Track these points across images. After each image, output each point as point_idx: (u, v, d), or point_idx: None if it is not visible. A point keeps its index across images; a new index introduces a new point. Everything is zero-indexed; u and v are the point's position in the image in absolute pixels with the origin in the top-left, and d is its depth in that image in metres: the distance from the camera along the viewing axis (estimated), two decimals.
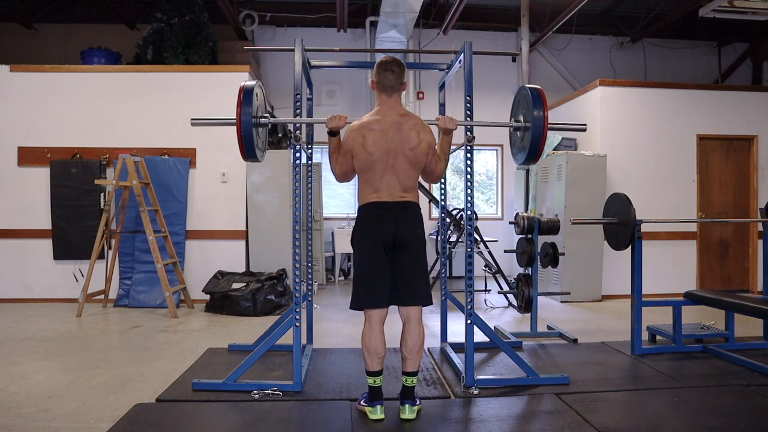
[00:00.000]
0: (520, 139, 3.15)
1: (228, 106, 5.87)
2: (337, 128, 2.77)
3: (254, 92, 2.87)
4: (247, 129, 2.83)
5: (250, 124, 2.83)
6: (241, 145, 2.87)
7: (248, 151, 2.90)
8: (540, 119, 2.90)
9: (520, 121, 3.10)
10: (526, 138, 3.01)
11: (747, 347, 3.92)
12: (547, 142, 7.20)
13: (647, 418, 2.69)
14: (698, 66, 8.54)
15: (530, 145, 2.96)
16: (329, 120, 2.77)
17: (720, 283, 6.58)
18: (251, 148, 2.89)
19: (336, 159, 2.76)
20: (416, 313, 2.71)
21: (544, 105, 2.92)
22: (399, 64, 2.74)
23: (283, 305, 5.35)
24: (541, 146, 2.97)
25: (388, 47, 7.02)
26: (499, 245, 6.89)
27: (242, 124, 2.81)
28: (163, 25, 6.89)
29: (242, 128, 2.81)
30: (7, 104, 5.84)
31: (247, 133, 2.83)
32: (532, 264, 4.41)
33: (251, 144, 2.87)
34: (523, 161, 3.13)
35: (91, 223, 5.69)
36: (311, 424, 2.64)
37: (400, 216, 2.66)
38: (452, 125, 2.82)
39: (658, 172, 6.40)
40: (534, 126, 2.91)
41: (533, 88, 2.98)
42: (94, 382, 3.22)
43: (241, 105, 2.81)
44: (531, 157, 3.04)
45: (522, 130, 3.10)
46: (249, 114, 2.81)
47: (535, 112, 2.90)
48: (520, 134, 3.15)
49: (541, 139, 2.92)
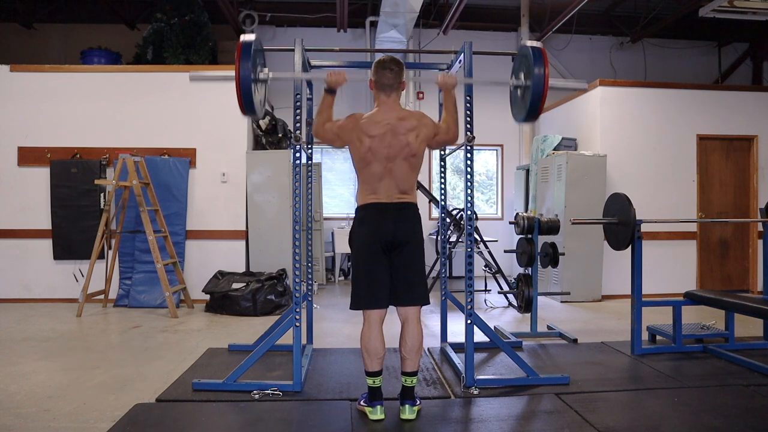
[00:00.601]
0: (521, 98, 3.15)
1: (228, 106, 5.94)
2: (336, 85, 2.74)
3: (253, 47, 2.83)
4: (246, 83, 2.80)
5: (249, 79, 2.80)
6: (240, 99, 2.84)
7: (247, 105, 2.87)
8: (540, 77, 2.88)
9: (521, 80, 3.10)
10: (527, 96, 3.00)
11: (747, 347, 3.92)
12: (547, 141, 7.22)
13: (647, 418, 2.69)
14: (698, 66, 8.54)
15: (530, 103, 2.95)
16: (329, 75, 2.74)
17: (720, 283, 6.57)
18: (250, 103, 2.86)
19: (323, 121, 2.72)
20: (415, 312, 2.71)
21: (545, 63, 2.90)
22: (397, 62, 2.72)
23: (283, 305, 5.35)
24: (541, 104, 2.95)
25: (388, 47, 7.02)
26: (499, 245, 6.89)
27: (241, 79, 2.79)
28: (163, 25, 6.89)
29: (241, 82, 2.79)
30: (7, 104, 5.85)
31: (246, 87, 2.81)
32: (532, 264, 4.41)
33: (250, 99, 2.84)
34: (524, 119, 3.12)
35: (91, 223, 5.69)
36: (311, 424, 2.64)
37: (398, 217, 2.66)
38: (452, 80, 2.81)
39: (658, 172, 6.40)
40: (534, 84, 2.90)
41: (534, 46, 2.95)
42: (94, 382, 3.22)
43: (240, 59, 2.78)
44: (531, 114, 3.02)
45: (522, 88, 3.09)
46: (248, 69, 2.79)
47: (536, 70, 2.89)
48: (520, 92, 3.14)
49: (541, 97, 2.90)
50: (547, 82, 2.88)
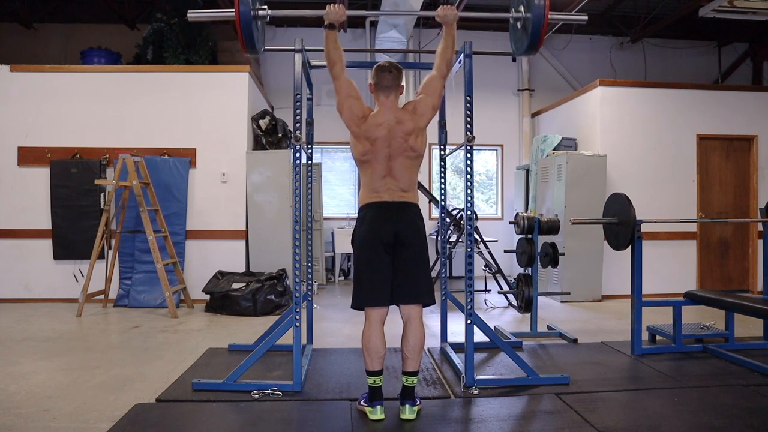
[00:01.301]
0: (521, 30, 3.13)
1: (228, 106, 5.94)
2: (336, 19, 2.77)
3: None
4: (246, 19, 2.80)
5: (249, 15, 2.81)
6: (240, 35, 2.84)
7: (247, 41, 2.88)
8: (540, 7, 2.87)
9: (521, 11, 3.08)
10: (528, 26, 2.98)
11: (747, 347, 3.92)
12: (547, 142, 7.21)
13: (647, 418, 2.69)
14: (698, 66, 8.54)
15: (531, 33, 2.93)
16: (328, 9, 2.76)
17: (720, 283, 6.57)
18: (251, 38, 2.87)
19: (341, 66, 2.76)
20: (417, 312, 2.71)
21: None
22: (396, 67, 2.80)
23: (283, 305, 5.35)
24: (541, 35, 2.93)
25: (388, 47, 7.02)
26: (499, 245, 6.89)
27: (241, 15, 2.79)
28: (163, 25, 6.89)
29: (241, 18, 2.79)
30: (7, 104, 5.85)
31: (246, 23, 2.81)
32: (532, 264, 4.41)
33: (250, 34, 2.84)
34: (525, 50, 3.08)
35: (91, 223, 5.69)
36: (311, 424, 2.64)
37: (400, 216, 2.67)
38: (453, 12, 2.83)
39: (658, 172, 6.40)
40: (534, 14, 2.88)
41: None
42: (94, 382, 3.22)
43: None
44: (532, 46, 3.00)
45: (522, 20, 3.08)
46: (247, 4, 2.80)
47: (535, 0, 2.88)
48: (520, 24, 3.13)
49: (541, 27, 2.89)
50: (548, 11, 2.87)
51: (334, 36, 2.78)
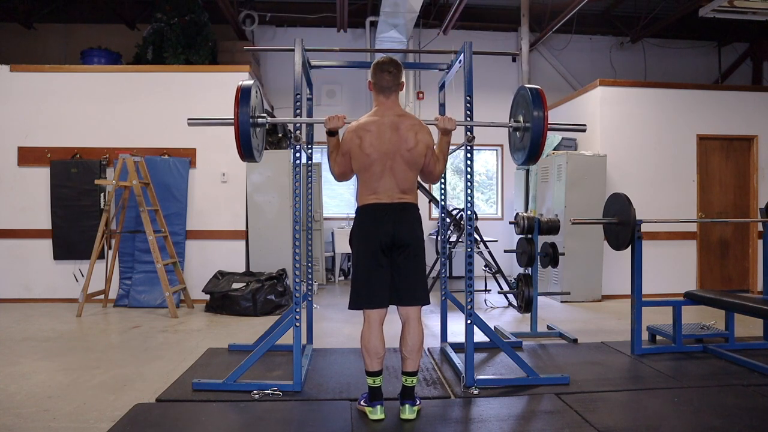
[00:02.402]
0: (520, 140, 3.15)
1: (228, 106, 5.92)
2: (335, 128, 2.76)
3: (251, 91, 2.86)
4: (245, 129, 2.81)
5: (248, 125, 2.82)
6: (239, 145, 2.86)
7: (246, 151, 2.89)
8: (540, 119, 2.89)
9: (520, 122, 3.09)
10: (526, 138, 3.01)
11: (747, 347, 3.92)
12: (547, 141, 7.21)
13: (647, 418, 2.69)
14: (698, 66, 8.54)
15: (530, 146, 2.96)
16: (327, 120, 2.76)
17: (720, 283, 6.57)
18: (249, 149, 2.88)
19: (334, 159, 2.76)
20: (416, 312, 2.71)
21: (543, 105, 2.91)
22: (396, 64, 2.73)
23: (283, 305, 5.35)
24: (540, 147, 2.96)
25: (388, 47, 7.02)
26: (499, 245, 6.89)
27: (240, 124, 2.80)
28: (163, 25, 6.89)
29: (239, 128, 2.80)
30: (7, 104, 5.84)
31: (245, 133, 2.82)
32: (532, 264, 4.41)
33: (249, 144, 2.86)
34: (523, 161, 3.12)
35: (91, 223, 5.69)
36: (311, 424, 2.64)
37: (398, 217, 2.66)
38: (451, 125, 2.82)
39: (658, 172, 6.40)
40: (534, 126, 2.90)
41: (533, 87, 2.97)
42: (94, 382, 3.22)
43: (239, 105, 2.80)
44: (531, 157, 3.04)
45: (522, 130, 3.09)
46: (246, 114, 2.80)
47: (534, 113, 2.89)
48: (519, 134, 3.14)
49: (540, 139, 2.92)
50: (546, 124, 2.89)
51: (335, 142, 2.77)
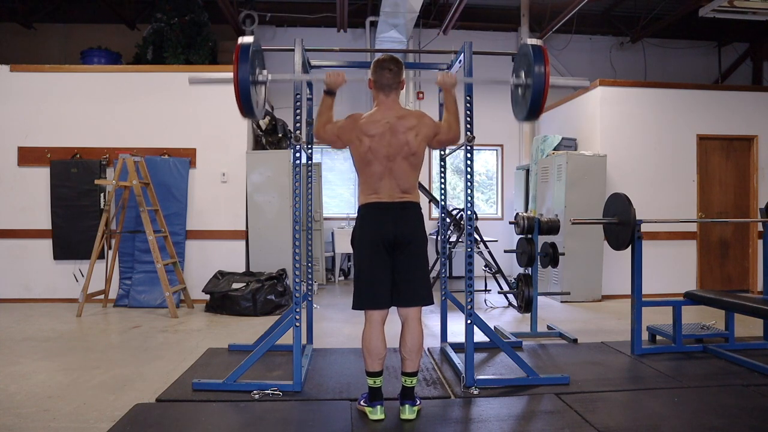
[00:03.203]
0: (522, 96, 3.13)
1: (228, 106, 5.92)
2: (335, 86, 2.75)
3: (251, 49, 2.83)
4: (245, 86, 2.79)
5: (248, 81, 2.80)
6: (239, 101, 2.84)
7: (246, 107, 2.88)
8: (541, 75, 2.88)
9: (522, 78, 3.08)
10: (528, 94, 2.99)
11: (747, 347, 3.92)
12: (547, 142, 7.22)
13: (647, 418, 2.69)
14: (698, 66, 8.54)
15: (531, 102, 2.93)
16: (327, 76, 2.74)
17: (720, 283, 6.57)
18: (249, 105, 2.87)
19: (323, 124, 2.72)
20: (415, 313, 2.71)
21: (545, 61, 2.89)
22: (396, 62, 2.73)
23: (283, 305, 5.35)
24: (542, 103, 2.93)
25: (388, 47, 7.02)
26: (499, 245, 6.89)
27: (239, 81, 2.78)
28: (163, 25, 6.89)
29: (239, 85, 2.78)
30: (7, 104, 5.84)
31: (245, 89, 2.80)
32: (532, 264, 4.41)
33: (249, 101, 2.84)
34: (525, 117, 3.09)
35: (91, 223, 5.69)
36: (311, 424, 2.64)
37: (400, 216, 2.65)
38: (451, 80, 2.81)
39: (658, 172, 6.40)
40: (535, 83, 2.89)
41: (534, 44, 2.94)
42: (94, 382, 3.22)
43: (238, 62, 2.77)
44: (532, 113, 3.00)
45: (523, 87, 3.08)
46: (246, 71, 2.79)
47: (536, 68, 2.88)
48: (521, 91, 3.14)
49: (542, 95, 2.89)
50: (548, 80, 2.87)
51: (330, 102, 2.76)
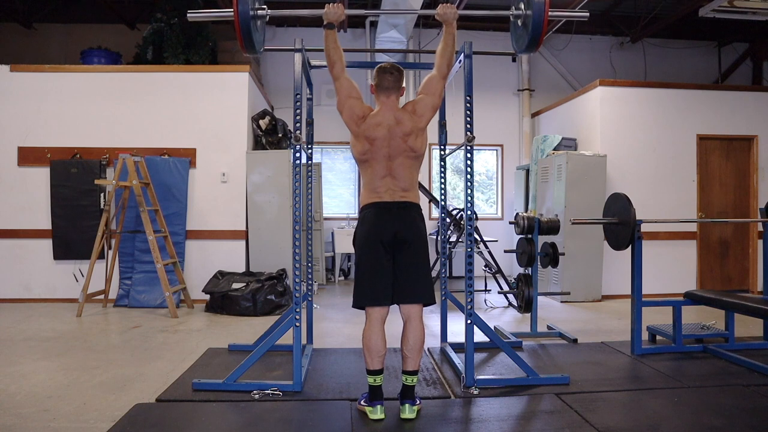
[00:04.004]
0: (522, 26, 3.12)
1: (228, 106, 5.94)
2: (335, 18, 2.78)
3: None
4: (245, 18, 2.79)
5: (248, 14, 2.80)
6: (240, 35, 2.83)
7: (247, 42, 2.88)
8: (540, 4, 2.86)
9: (521, 9, 3.07)
10: (528, 23, 2.97)
11: (747, 347, 3.92)
12: (547, 142, 7.21)
13: (647, 418, 2.69)
14: (698, 66, 8.54)
15: (532, 30, 2.92)
16: (327, 7, 2.77)
17: (720, 283, 6.57)
18: (250, 39, 2.86)
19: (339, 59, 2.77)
20: (417, 311, 2.72)
21: None
22: (398, 68, 2.83)
23: (283, 305, 5.35)
24: (542, 33, 2.92)
25: (388, 47, 7.02)
26: (499, 245, 6.89)
27: (239, 14, 2.78)
28: (163, 25, 6.88)
29: (240, 18, 2.78)
30: (7, 104, 5.84)
31: (245, 22, 2.80)
32: (532, 264, 4.41)
33: (249, 35, 2.84)
34: (525, 47, 3.06)
35: (91, 223, 5.69)
36: (311, 424, 2.64)
37: (401, 216, 2.68)
38: (452, 11, 2.82)
39: (658, 172, 6.40)
40: (534, 11, 2.87)
41: None
42: (94, 382, 3.22)
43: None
44: (532, 43, 2.99)
45: (523, 17, 3.07)
46: (246, 3, 2.78)
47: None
48: (521, 22, 3.12)
49: (542, 24, 2.88)
50: (548, 8, 2.87)
51: (333, 36, 2.80)
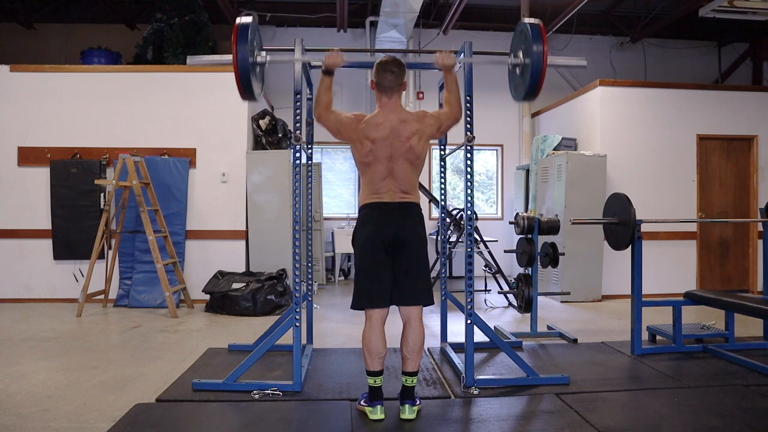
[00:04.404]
0: (520, 75, 3.12)
1: (228, 106, 5.94)
2: (334, 66, 2.75)
3: (249, 29, 2.82)
4: (244, 66, 2.78)
5: (247, 62, 2.79)
6: (239, 82, 2.82)
7: (246, 89, 2.86)
8: (539, 54, 2.86)
9: (519, 57, 3.07)
10: (526, 73, 2.98)
11: (747, 347, 3.92)
12: (547, 142, 7.22)
13: (647, 418, 2.69)
14: (698, 66, 8.54)
15: (530, 80, 2.91)
16: (327, 57, 2.74)
17: (720, 283, 6.57)
18: (249, 87, 2.85)
19: (326, 106, 2.70)
20: (417, 313, 2.71)
21: (543, 40, 2.87)
22: (399, 63, 2.73)
23: (283, 305, 5.35)
24: (540, 81, 2.91)
25: (388, 47, 7.02)
26: (499, 245, 6.89)
27: (239, 61, 2.76)
28: (163, 25, 6.89)
29: (239, 65, 2.77)
30: (7, 104, 5.84)
31: (244, 70, 2.79)
32: (532, 264, 4.41)
33: (248, 82, 2.83)
34: (523, 96, 3.06)
35: (91, 223, 5.69)
36: (311, 424, 2.64)
37: (401, 216, 2.66)
38: (450, 60, 2.81)
39: (658, 172, 6.40)
40: (533, 61, 2.87)
41: (533, 23, 2.92)
42: (94, 382, 3.22)
43: (237, 43, 2.76)
44: (530, 92, 2.98)
45: (521, 66, 3.07)
46: (245, 51, 2.78)
47: (534, 47, 2.86)
48: (519, 70, 3.12)
49: (540, 74, 2.87)
50: (546, 59, 2.86)
51: (329, 83, 2.74)
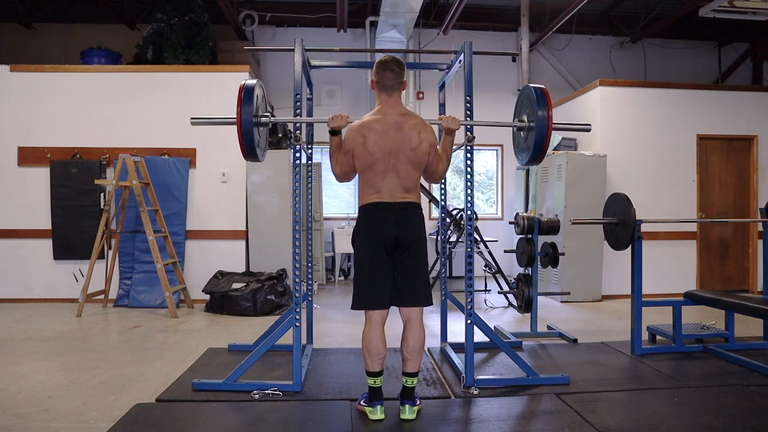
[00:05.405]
0: (524, 139, 3.13)
1: (228, 106, 5.91)
2: (338, 128, 2.75)
3: (255, 91, 2.86)
4: (248, 128, 2.82)
5: (251, 124, 2.82)
6: (242, 144, 2.86)
7: (249, 150, 2.90)
8: (544, 119, 2.87)
9: (524, 121, 3.08)
10: (530, 138, 2.99)
11: (747, 347, 3.92)
12: None
13: (647, 418, 2.69)
14: (698, 66, 8.54)
15: (534, 146, 2.94)
16: (330, 119, 2.76)
17: (720, 283, 6.57)
18: (252, 148, 2.89)
19: (336, 158, 2.75)
20: (417, 313, 2.71)
21: (548, 105, 2.90)
22: (398, 63, 2.74)
23: (283, 305, 5.35)
24: (545, 147, 2.93)
25: (388, 47, 7.02)
26: (499, 245, 6.89)
27: (243, 123, 2.80)
28: (163, 25, 6.89)
29: (243, 127, 2.81)
30: (7, 104, 5.84)
31: (248, 132, 2.83)
32: (532, 264, 4.41)
33: (252, 143, 2.87)
34: (527, 162, 3.10)
35: (91, 223, 5.69)
36: (311, 424, 2.64)
37: (401, 216, 2.66)
38: (455, 125, 2.81)
39: (658, 172, 6.40)
40: (538, 126, 2.88)
41: (537, 87, 2.96)
42: (94, 382, 3.22)
43: (242, 104, 2.81)
44: (535, 157, 3.02)
45: (526, 130, 3.08)
46: (250, 113, 2.81)
47: (539, 112, 2.88)
48: (524, 134, 3.13)
49: (545, 139, 2.90)
50: (551, 123, 2.88)
51: (338, 140, 2.76)
